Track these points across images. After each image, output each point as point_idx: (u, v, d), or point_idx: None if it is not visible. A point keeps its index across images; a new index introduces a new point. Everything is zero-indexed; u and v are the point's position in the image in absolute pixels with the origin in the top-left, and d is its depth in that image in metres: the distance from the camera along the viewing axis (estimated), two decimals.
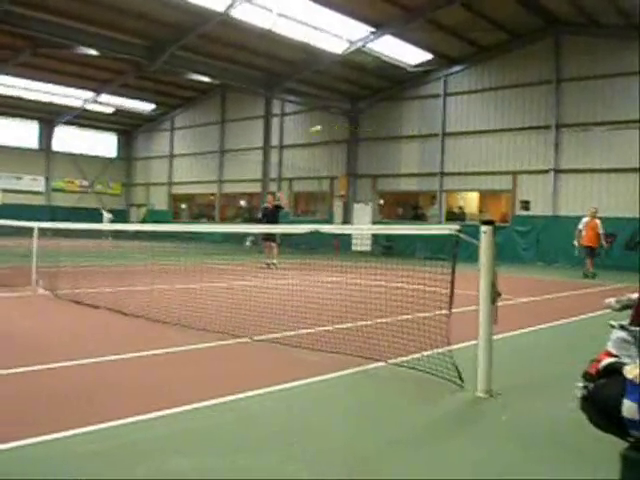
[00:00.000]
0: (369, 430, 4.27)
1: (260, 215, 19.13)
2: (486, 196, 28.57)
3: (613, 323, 2.99)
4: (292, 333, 7.14)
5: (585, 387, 2.85)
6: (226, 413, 4.49)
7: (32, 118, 39.84)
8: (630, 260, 19.89)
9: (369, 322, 7.25)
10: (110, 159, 43.97)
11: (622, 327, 2.94)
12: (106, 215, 36.43)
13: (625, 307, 3.47)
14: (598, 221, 18.54)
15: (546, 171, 24.99)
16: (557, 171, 24.76)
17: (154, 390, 5.01)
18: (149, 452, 3.68)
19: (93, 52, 25.29)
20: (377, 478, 3.45)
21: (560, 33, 24.55)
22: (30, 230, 11.66)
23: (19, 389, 4.92)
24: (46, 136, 40.71)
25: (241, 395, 4.81)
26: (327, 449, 3.86)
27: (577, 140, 24.30)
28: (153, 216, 39.84)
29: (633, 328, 2.91)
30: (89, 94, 35.48)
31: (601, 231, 18.46)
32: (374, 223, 29.92)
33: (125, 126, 43.37)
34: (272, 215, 18.09)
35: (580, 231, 18.56)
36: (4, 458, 3.49)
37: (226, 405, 4.61)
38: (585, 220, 18.65)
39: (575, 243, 18.64)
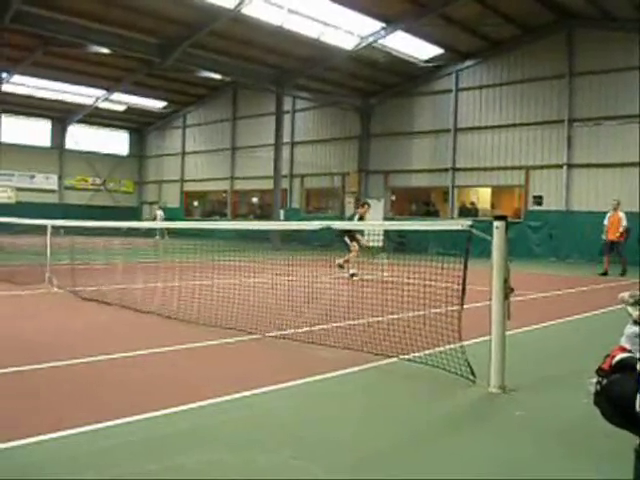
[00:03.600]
0: (381, 426, 4.27)
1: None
2: (498, 191, 28.41)
3: (630, 310, 2.96)
4: (304, 329, 7.14)
5: (599, 382, 2.84)
6: (238, 409, 4.50)
7: (44, 117, 40.04)
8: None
9: (381, 318, 7.25)
10: (122, 157, 44.15)
11: (635, 322, 2.93)
12: (159, 213, 35.24)
13: (639, 302, 3.44)
14: (621, 214, 17.89)
15: (559, 166, 24.84)
16: (570, 166, 24.59)
17: (166, 387, 5.04)
18: (163, 447, 3.70)
19: (105, 50, 25.40)
20: (389, 474, 3.45)
21: (573, 27, 24.36)
22: (44, 228, 11.74)
23: (27, 386, 4.96)
24: (58, 134, 40.93)
25: (253, 392, 4.82)
26: (339, 445, 3.86)
27: (590, 134, 24.12)
28: (165, 213, 39.84)
29: None
30: (101, 92, 35.64)
31: (624, 223, 17.78)
32: (386, 219, 29.86)
33: (137, 124, 43.52)
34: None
35: (605, 226, 18.05)
36: (19, 453, 3.53)
37: (238, 401, 4.62)
38: (608, 214, 18.15)
39: (603, 237, 18.06)
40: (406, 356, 5.88)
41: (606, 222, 18.12)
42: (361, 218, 16.39)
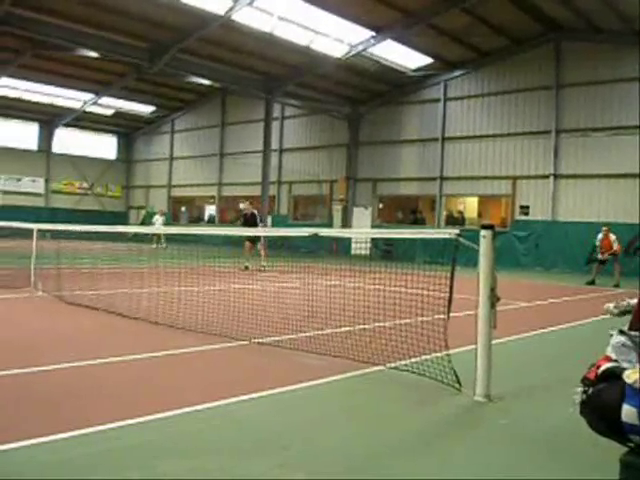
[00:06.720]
0: (366, 434, 4.26)
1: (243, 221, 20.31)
2: (485, 201, 28.57)
3: (612, 332, 2.98)
4: (291, 336, 7.12)
5: (584, 392, 2.83)
6: (223, 416, 4.47)
7: (32, 120, 39.81)
8: (630, 266, 19.81)
9: (368, 326, 7.24)
10: (110, 161, 43.96)
11: (621, 332, 2.93)
12: (159, 218, 31.75)
13: (624, 312, 3.46)
14: (612, 237, 17.95)
15: (545, 176, 25.01)
16: (556, 176, 24.77)
17: (150, 393, 4.99)
18: (145, 454, 3.66)
19: (94, 54, 25.31)
20: None
21: (560, 39, 24.59)
22: (29, 232, 11.65)
23: (10, 392, 4.88)
24: (46, 138, 40.68)
25: (237, 398, 4.79)
26: (324, 453, 3.85)
27: (576, 145, 24.32)
28: (151, 218, 39.65)
29: (633, 333, 2.90)
30: (89, 96, 35.50)
31: (615, 247, 17.89)
32: (373, 227, 29.90)
33: (125, 128, 43.36)
34: (251, 220, 19.79)
35: (598, 247, 18.21)
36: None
37: (222, 409, 4.59)
38: (599, 236, 18.20)
39: (599, 257, 18.20)
40: (392, 364, 5.87)
41: (598, 243, 18.25)
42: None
